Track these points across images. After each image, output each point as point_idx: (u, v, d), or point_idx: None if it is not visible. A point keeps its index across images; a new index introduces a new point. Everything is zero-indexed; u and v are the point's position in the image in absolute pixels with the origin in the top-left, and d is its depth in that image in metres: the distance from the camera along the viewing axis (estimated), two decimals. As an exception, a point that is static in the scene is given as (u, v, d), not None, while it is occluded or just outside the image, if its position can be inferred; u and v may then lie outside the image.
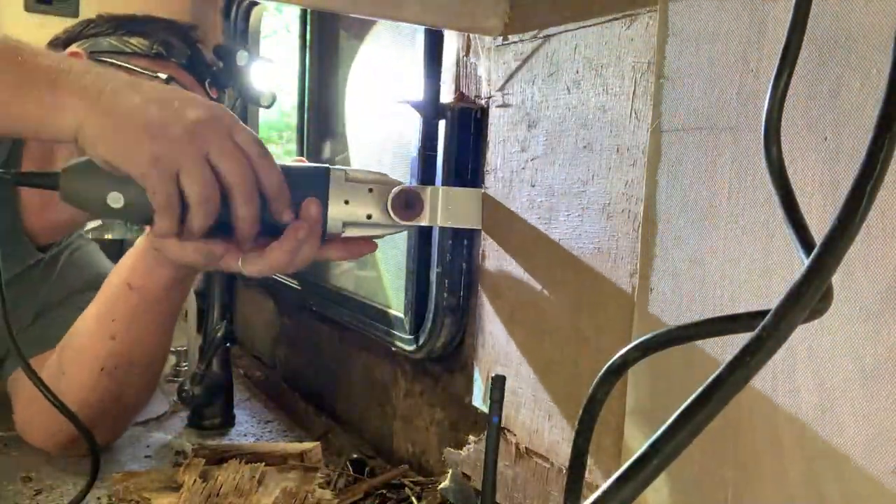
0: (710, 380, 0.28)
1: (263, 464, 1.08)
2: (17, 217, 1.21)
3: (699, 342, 0.66)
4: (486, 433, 0.78)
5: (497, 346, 1.00)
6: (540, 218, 0.92)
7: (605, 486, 0.26)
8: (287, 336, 1.80)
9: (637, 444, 0.75)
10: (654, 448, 0.27)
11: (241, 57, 1.06)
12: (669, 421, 0.27)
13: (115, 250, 3.14)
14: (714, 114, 0.68)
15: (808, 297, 0.30)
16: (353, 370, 1.47)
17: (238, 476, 1.03)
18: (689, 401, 0.28)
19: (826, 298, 0.41)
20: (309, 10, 1.74)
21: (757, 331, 0.29)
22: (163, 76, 1.14)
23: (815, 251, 0.31)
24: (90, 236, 1.56)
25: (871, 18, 0.54)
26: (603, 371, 0.52)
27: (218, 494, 1.00)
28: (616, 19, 0.80)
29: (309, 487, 1.02)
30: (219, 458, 1.11)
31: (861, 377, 0.54)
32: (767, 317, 0.29)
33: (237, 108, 2.07)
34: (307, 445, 1.18)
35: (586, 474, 0.60)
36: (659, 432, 0.27)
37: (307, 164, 0.85)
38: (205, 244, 0.77)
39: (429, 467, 1.19)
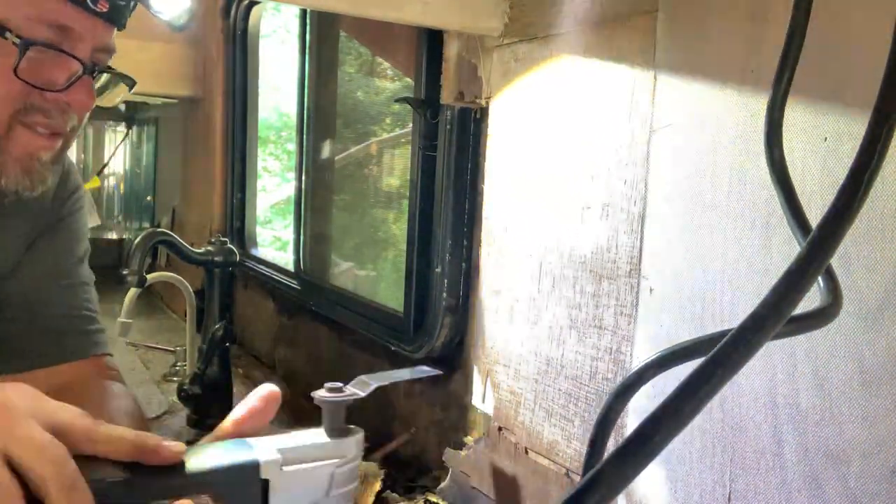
0: (714, 351, 0.27)
1: None
2: None
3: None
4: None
5: (496, 346, 1.00)
6: (540, 217, 0.92)
7: (607, 456, 0.25)
8: (287, 336, 1.80)
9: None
10: (659, 418, 0.25)
11: None
12: (677, 387, 0.26)
13: (115, 250, 3.14)
14: (714, 113, 0.68)
15: (807, 279, 0.30)
16: (353, 370, 1.46)
17: None
18: (697, 368, 0.26)
19: (835, 303, 0.41)
20: (308, 10, 1.74)
21: (757, 308, 0.28)
22: None
23: (812, 234, 0.31)
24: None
25: (871, 19, 0.54)
26: (618, 386, 0.48)
27: None
28: (615, 20, 0.80)
29: None
30: None
31: (861, 377, 0.54)
32: (766, 295, 0.29)
33: (234, 107, 2.07)
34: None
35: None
36: (668, 398, 0.26)
37: (228, 446, 0.52)
38: None
39: (428, 467, 1.19)
